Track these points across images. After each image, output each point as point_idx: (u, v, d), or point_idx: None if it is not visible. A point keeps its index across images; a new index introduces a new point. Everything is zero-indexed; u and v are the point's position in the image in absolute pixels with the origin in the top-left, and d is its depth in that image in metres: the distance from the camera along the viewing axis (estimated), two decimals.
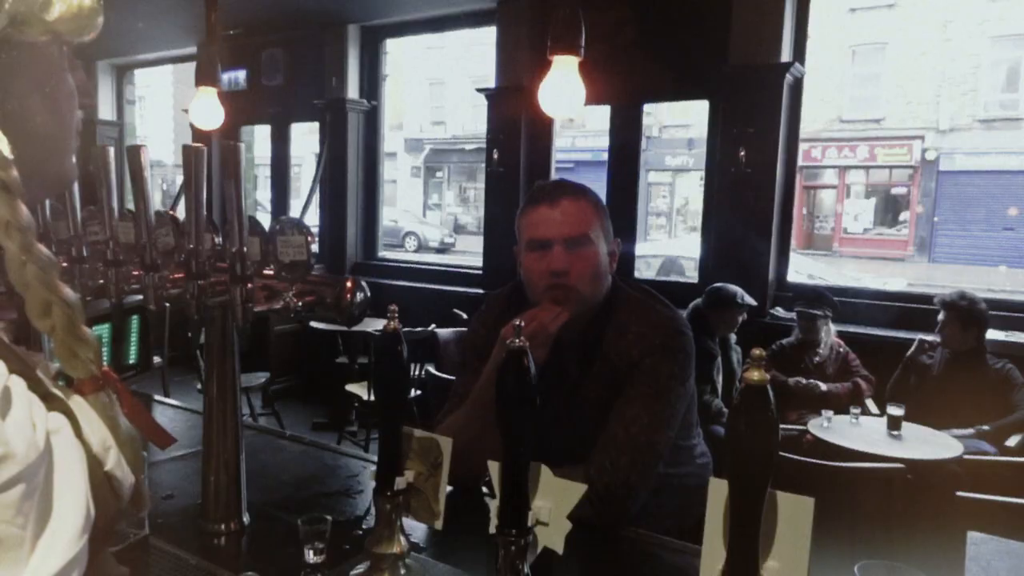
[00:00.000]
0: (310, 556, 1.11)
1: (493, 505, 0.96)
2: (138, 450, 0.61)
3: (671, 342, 1.45)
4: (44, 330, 0.55)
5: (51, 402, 0.52)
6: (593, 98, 1.88)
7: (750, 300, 3.77)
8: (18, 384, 0.48)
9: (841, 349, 3.85)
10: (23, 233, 0.52)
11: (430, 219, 22.23)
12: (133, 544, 1.15)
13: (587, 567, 1.27)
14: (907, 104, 17.85)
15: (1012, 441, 3.27)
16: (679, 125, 19.52)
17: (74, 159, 0.64)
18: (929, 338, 3.64)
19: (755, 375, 0.75)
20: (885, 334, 4.02)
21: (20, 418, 0.46)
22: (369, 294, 1.23)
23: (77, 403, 0.56)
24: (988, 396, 3.44)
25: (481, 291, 5.14)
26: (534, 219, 1.47)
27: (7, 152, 0.52)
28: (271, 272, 1.19)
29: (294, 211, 7.43)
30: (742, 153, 4.15)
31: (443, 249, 18.52)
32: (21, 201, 0.52)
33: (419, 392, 4.12)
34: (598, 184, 2.66)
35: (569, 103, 1.66)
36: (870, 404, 3.72)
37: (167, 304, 1.22)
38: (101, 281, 1.24)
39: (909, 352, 3.67)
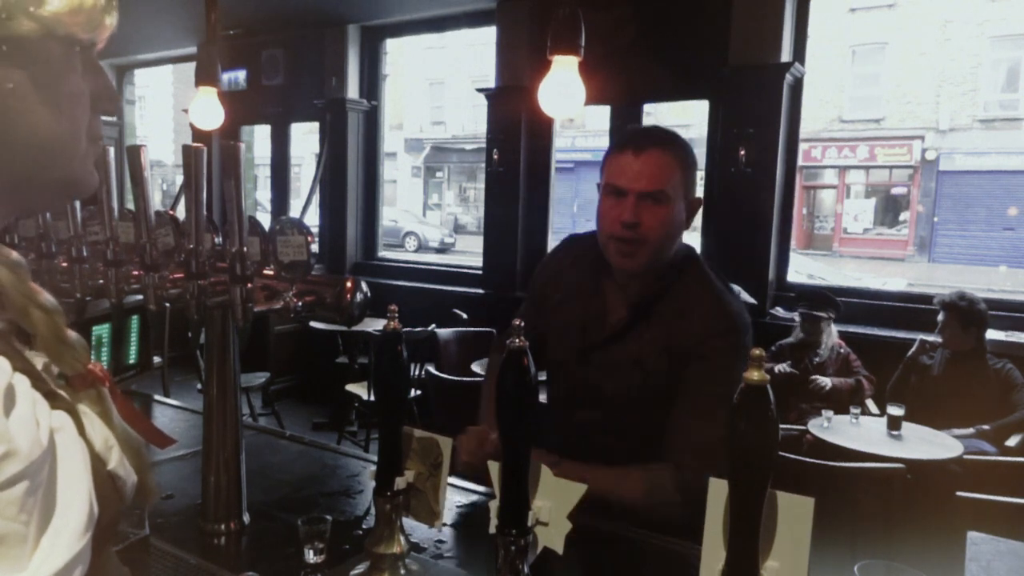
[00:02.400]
0: (310, 556, 1.11)
1: (493, 505, 0.96)
2: (139, 448, 0.61)
3: (741, 339, 1.42)
4: (30, 330, 0.55)
5: (55, 400, 0.52)
6: (593, 98, 1.88)
7: (748, 298, 3.76)
8: (22, 382, 0.48)
9: (842, 350, 3.85)
10: None
11: (430, 219, 22.23)
12: (133, 544, 1.15)
13: (587, 567, 1.27)
14: (907, 104, 17.85)
15: (1012, 441, 3.27)
16: (679, 125, 19.11)
17: (90, 165, 0.61)
18: (930, 338, 3.63)
19: (755, 375, 0.76)
20: (885, 334, 4.02)
21: (24, 415, 0.46)
22: (369, 294, 1.23)
23: (80, 403, 0.56)
24: (988, 396, 3.44)
25: (481, 291, 5.14)
26: (617, 165, 1.42)
27: None
28: (271, 272, 1.19)
29: (294, 211, 7.43)
30: (742, 153, 4.15)
31: (443, 249, 18.51)
32: None
33: (419, 392, 4.13)
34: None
35: (569, 103, 1.65)
36: (870, 404, 3.72)
37: (167, 304, 1.22)
38: (101, 281, 1.24)
39: (910, 352, 3.67)
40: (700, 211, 1.52)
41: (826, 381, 3.71)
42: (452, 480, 1.37)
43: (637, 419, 1.46)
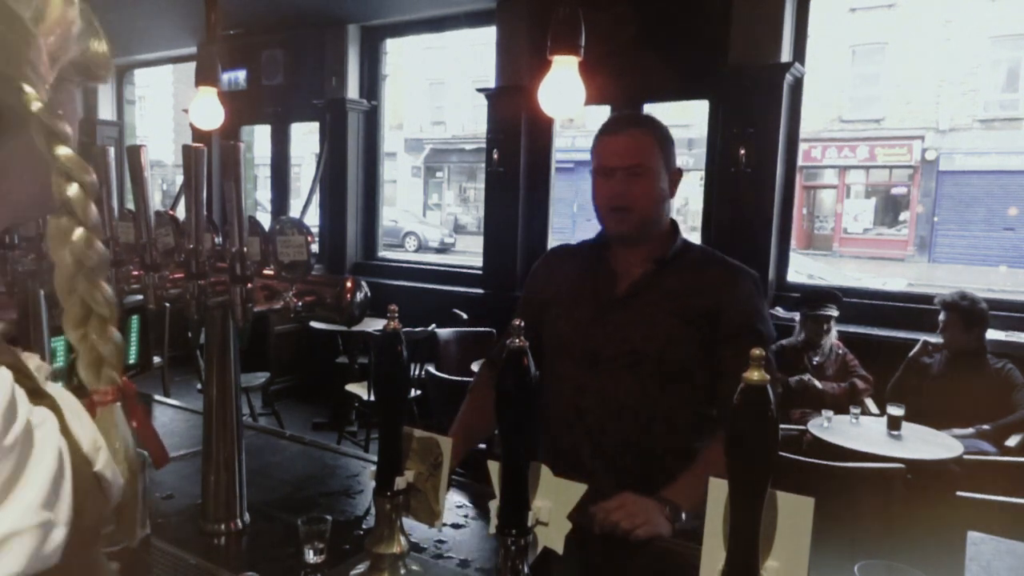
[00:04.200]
0: (310, 556, 1.11)
1: (493, 505, 0.96)
2: (136, 470, 0.60)
3: (758, 281, 1.66)
4: (75, 340, 0.56)
5: (39, 398, 0.53)
6: (593, 98, 1.88)
7: None
8: (4, 376, 0.48)
9: (840, 350, 3.85)
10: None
11: (430, 219, 22.22)
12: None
13: (587, 567, 1.27)
14: (907, 104, 17.84)
15: (1012, 441, 3.27)
16: (679, 125, 19.25)
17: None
18: (933, 339, 3.63)
19: (755, 375, 0.76)
20: (885, 334, 4.02)
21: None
22: (369, 294, 1.23)
23: (67, 403, 0.56)
24: (988, 396, 3.43)
25: (481, 291, 5.14)
26: (601, 148, 1.61)
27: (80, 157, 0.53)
28: (271, 272, 1.19)
29: (294, 211, 7.43)
30: (742, 153, 4.15)
31: (443, 249, 18.51)
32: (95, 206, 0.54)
33: (419, 392, 4.12)
34: None
35: (569, 103, 1.66)
36: (870, 404, 3.72)
37: (167, 304, 1.22)
38: None
39: (912, 353, 3.66)
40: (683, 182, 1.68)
41: (817, 384, 3.70)
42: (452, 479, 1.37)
43: (660, 365, 1.55)
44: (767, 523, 0.79)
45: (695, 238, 1.78)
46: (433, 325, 4.25)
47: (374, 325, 4.08)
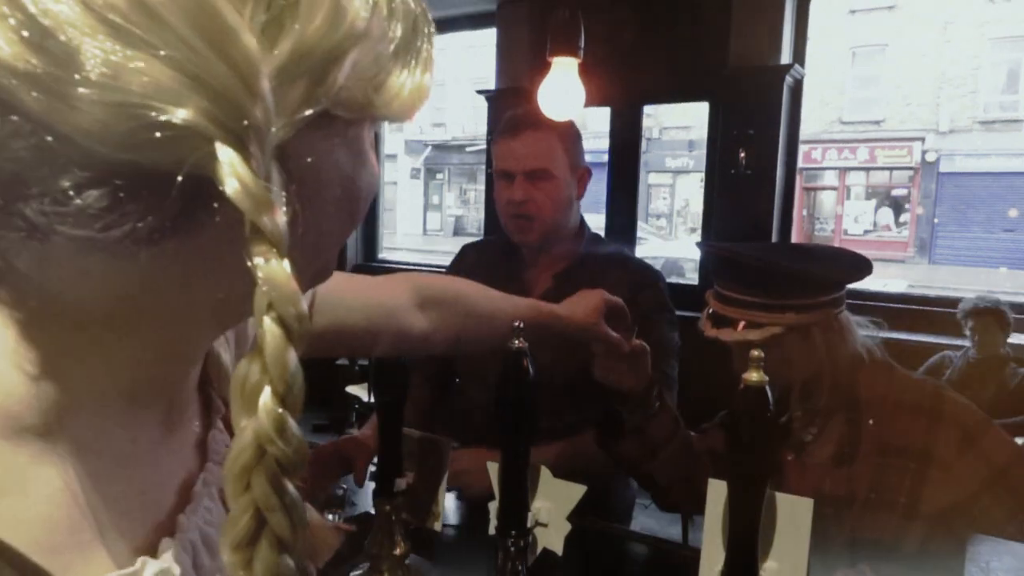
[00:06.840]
0: None
1: (492, 506, 0.96)
2: None
3: (660, 290, 1.55)
4: (233, 566, 0.50)
5: None
6: (593, 100, 1.88)
7: None
8: None
9: None
10: None
11: (430, 219, 22.22)
12: None
13: (587, 567, 1.27)
14: (907, 106, 17.85)
15: (1018, 441, 3.24)
16: (679, 127, 19.51)
17: None
18: (951, 354, 3.57)
19: (755, 375, 0.76)
20: (885, 335, 4.00)
21: None
22: None
23: None
24: (1008, 402, 3.36)
25: None
26: (500, 151, 1.53)
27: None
28: None
29: None
30: (742, 155, 4.15)
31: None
32: None
33: None
34: (598, 185, 2.67)
35: (569, 105, 1.65)
36: None
37: None
38: None
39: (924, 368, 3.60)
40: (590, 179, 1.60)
41: None
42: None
43: (569, 379, 1.40)
44: (767, 523, 0.79)
45: (695, 239, 1.75)
46: None
47: None
